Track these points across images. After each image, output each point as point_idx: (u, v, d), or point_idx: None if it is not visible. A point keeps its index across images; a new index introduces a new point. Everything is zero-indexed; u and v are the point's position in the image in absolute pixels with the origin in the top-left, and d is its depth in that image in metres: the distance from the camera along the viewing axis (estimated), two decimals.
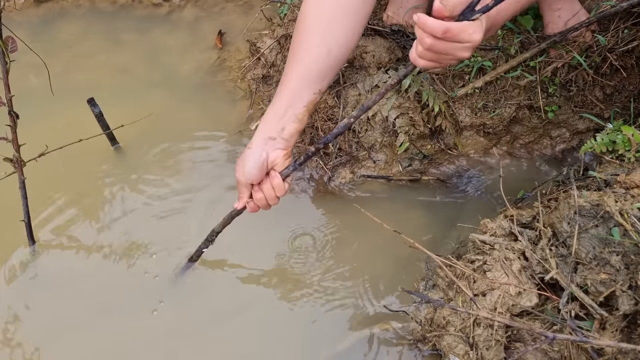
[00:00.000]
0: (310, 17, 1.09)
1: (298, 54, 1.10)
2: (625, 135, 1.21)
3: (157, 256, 1.37)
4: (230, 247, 1.39)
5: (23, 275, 1.35)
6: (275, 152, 1.13)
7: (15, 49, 1.17)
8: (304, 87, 1.10)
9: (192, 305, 1.29)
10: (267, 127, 1.12)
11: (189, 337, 1.24)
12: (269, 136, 1.12)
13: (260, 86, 1.72)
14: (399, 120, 1.42)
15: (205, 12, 2.10)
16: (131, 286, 1.32)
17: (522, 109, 1.42)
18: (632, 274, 0.97)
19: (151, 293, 1.31)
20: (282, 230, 1.42)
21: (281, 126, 1.11)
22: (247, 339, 1.24)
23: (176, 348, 1.22)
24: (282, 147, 1.13)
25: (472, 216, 1.35)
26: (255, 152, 1.12)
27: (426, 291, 1.23)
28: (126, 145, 1.64)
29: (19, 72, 1.34)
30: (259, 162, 1.12)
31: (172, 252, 1.38)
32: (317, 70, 1.09)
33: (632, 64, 1.34)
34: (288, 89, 1.10)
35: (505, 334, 1.07)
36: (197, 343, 1.23)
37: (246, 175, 1.13)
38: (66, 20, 2.10)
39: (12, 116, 1.24)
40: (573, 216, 1.08)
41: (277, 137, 1.12)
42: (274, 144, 1.12)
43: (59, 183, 1.54)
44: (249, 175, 1.13)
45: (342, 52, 1.11)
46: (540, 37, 1.37)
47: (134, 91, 1.82)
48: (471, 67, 1.38)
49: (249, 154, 1.12)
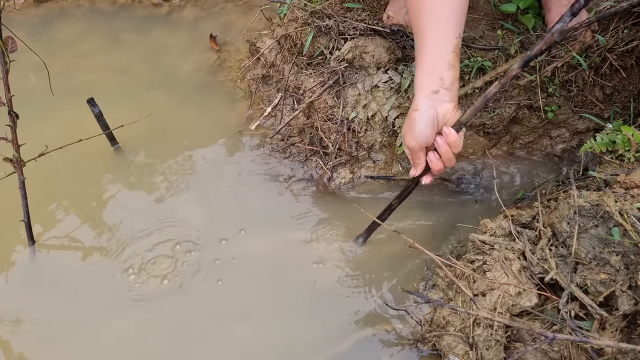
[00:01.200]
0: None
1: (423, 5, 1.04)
2: (625, 135, 1.21)
3: (157, 255, 1.37)
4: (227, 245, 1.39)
5: (23, 275, 1.35)
6: (443, 105, 1.04)
7: (15, 49, 1.17)
8: (443, 33, 1.04)
9: (192, 305, 1.29)
10: (425, 83, 1.04)
11: (188, 337, 1.24)
12: (432, 90, 1.03)
13: (260, 86, 1.72)
14: (398, 120, 1.41)
15: (205, 12, 2.10)
16: (131, 286, 1.32)
17: (521, 109, 1.42)
18: (631, 274, 0.97)
19: (151, 293, 1.31)
20: (282, 230, 1.42)
21: (439, 76, 1.03)
22: (247, 339, 1.24)
23: (175, 347, 1.22)
24: (449, 99, 1.04)
25: (472, 216, 1.36)
26: (423, 111, 1.03)
27: (426, 291, 1.23)
28: (126, 146, 1.64)
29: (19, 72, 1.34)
30: (430, 121, 1.04)
31: (173, 252, 1.38)
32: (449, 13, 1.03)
33: (632, 64, 1.34)
34: (428, 41, 1.04)
35: (505, 334, 1.07)
36: (194, 343, 1.23)
37: (418, 138, 1.05)
38: (66, 20, 2.10)
39: (12, 116, 1.24)
40: (573, 216, 1.08)
41: (439, 88, 1.03)
42: (439, 97, 1.04)
43: (58, 183, 1.54)
44: (422, 138, 1.05)
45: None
46: (540, 37, 1.37)
47: (134, 91, 1.82)
48: (471, 67, 1.38)
49: (416, 115, 1.04)
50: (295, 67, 1.58)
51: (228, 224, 1.44)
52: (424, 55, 1.05)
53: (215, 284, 1.32)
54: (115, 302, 1.30)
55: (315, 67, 1.53)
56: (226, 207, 1.48)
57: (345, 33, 1.46)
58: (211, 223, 1.44)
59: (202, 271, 1.34)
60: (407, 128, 1.07)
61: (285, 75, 1.61)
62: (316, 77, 1.52)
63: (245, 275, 1.34)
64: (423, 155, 1.09)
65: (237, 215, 1.46)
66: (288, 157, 1.57)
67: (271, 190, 1.51)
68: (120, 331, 1.25)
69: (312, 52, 1.53)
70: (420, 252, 1.17)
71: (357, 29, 1.45)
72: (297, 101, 1.58)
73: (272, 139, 1.60)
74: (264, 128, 1.65)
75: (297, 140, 1.57)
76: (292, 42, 1.58)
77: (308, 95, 1.53)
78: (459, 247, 1.33)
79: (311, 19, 1.50)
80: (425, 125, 1.04)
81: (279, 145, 1.59)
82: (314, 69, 1.53)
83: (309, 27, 1.51)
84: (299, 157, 1.56)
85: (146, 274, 1.34)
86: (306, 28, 1.52)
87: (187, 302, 1.29)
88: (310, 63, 1.54)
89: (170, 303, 1.29)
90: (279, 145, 1.59)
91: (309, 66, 1.54)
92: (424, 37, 1.05)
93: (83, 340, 1.24)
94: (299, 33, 1.55)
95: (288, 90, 1.60)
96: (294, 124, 1.58)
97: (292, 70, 1.58)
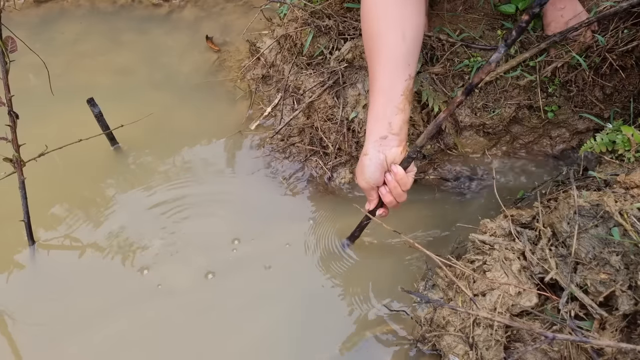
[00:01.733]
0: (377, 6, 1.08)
1: (376, 47, 1.09)
2: (625, 135, 1.21)
3: (157, 256, 1.37)
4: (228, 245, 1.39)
5: (23, 275, 1.35)
6: (391, 150, 1.11)
7: (15, 49, 1.18)
8: (393, 78, 1.08)
9: (191, 305, 1.29)
10: (374, 128, 1.11)
11: (187, 336, 1.24)
12: (380, 136, 1.10)
13: (260, 86, 1.72)
14: None
15: (205, 12, 2.10)
16: (131, 286, 1.32)
17: (521, 109, 1.42)
18: (631, 274, 0.97)
19: (151, 292, 1.31)
20: (282, 230, 1.42)
21: (387, 122, 1.09)
22: (247, 340, 1.24)
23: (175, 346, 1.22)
24: (397, 144, 1.12)
25: (472, 216, 1.35)
26: (372, 156, 1.11)
27: (426, 291, 1.23)
28: (126, 146, 1.64)
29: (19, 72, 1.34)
30: (379, 165, 1.12)
31: (172, 252, 1.38)
32: (399, 57, 1.08)
33: (632, 64, 1.34)
34: (379, 85, 1.09)
35: (505, 334, 1.07)
36: (193, 341, 1.23)
37: (368, 180, 1.14)
38: (66, 20, 2.10)
39: (12, 116, 1.24)
40: (573, 216, 1.08)
41: (387, 134, 1.10)
42: (387, 143, 1.11)
43: (58, 183, 1.54)
44: (372, 180, 1.14)
45: (415, 33, 1.09)
46: (540, 37, 1.37)
47: (134, 91, 1.82)
48: (471, 67, 1.38)
49: (365, 160, 1.12)
50: (295, 67, 1.58)
51: (228, 224, 1.44)
52: (375, 98, 1.11)
53: (215, 283, 1.32)
54: (115, 301, 1.30)
55: (315, 67, 1.53)
56: (226, 206, 1.48)
57: (345, 33, 1.46)
58: (211, 223, 1.44)
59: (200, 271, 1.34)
60: (359, 170, 1.15)
61: (285, 75, 1.61)
62: (316, 77, 1.52)
63: (244, 275, 1.34)
64: (375, 192, 1.18)
65: (237, 215, 1.46)
66: (288, 157, 1.57)
67: (271, 190, 1.51)
68: (119, 331, 1.25)
69: (312, 52, 1.53)
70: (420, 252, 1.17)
71: (357, 29, 1.45)
72: (297, 101, 1.58)
73: (272, 139, 1.60)
74: (264, 128, 1.65)
75: (297, 140, 1.57)
76: (292, 42, 1.58)
77: (308, 95, 1.53)
78: (459, 247, 1.33)
79: (311, 19, 1.51)
80: (374, 169, 1.12)
81: (279, 145, 1.59)
82: (314, 69, 1.53)
83: (309, 27, 1.51)
84: (299, 157, 1.56)
85: (146, 275, 1.34)
86: (306, 28, 1.52)
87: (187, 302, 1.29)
88: (310, 63, 1.54)
89: (171, 303, 1.29)
90: (279, 145, 1.59)
91: (309, 66, 1.54)
92: (375, 80, 1.11)
93: (83, 340, 1.24)
94: (299, 33, 1.55)
95: (288, 90, 1.60)
96: (294, 124, 1.58)
97: (292, 70, 1.58)
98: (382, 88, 1.09)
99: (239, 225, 1.44)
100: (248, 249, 1.38)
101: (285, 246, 1.39)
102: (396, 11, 1.08)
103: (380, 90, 1.10)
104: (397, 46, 1.08)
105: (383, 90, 1.09)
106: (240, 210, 1.48)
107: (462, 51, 1.40)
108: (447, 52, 1.40)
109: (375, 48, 1.10)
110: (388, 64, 1.09)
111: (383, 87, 1.09)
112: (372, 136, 1.11)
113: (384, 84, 1.09)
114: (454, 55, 1.40)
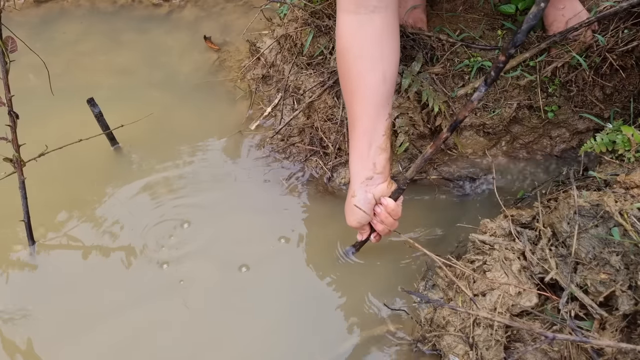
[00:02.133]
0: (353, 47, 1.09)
1: (356, 89, 1.10)
2: (625, 135, 1.21)
3: (157, 256, 1.37)
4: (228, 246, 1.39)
5: (23, 275, 1.35)
6: (378, 187, 1.15)
7: (15, 49, 1.18)
8: (375, 119, 1.11)
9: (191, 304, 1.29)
10: (359, 170, 1.14)
11: (187, 336, 1.24)
12: (365, 177, 1.14)
13: (260, 86, 1.72)
14: (398, 120, 1.41)
15: (205, 12, 2.10)
16: (131, 286, 1.32)
17: (521, 109, 1.42)
18: (632, 274, 0.97)
19: (151, 292, 1.31)
20: (282, 231, 1.42)
21: (371, 163, 1.13)
22: (247, 340, 1.23)
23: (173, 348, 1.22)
24: (382, 181, 1.15)
25: (472, 216, 1.35)
26: (361, 198, 1.15)
27: (426, 291, 1.23)
28: (126, 146, 1.64)
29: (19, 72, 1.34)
30: (368, 204, 1.15)
31: (172, 251, 1.38)
32: (380, 98, 1.10)
33: (632, 64, 1.34)
34: (361, 127, 1.12)
35: (505, 334, 1.07)
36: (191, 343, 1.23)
37: (359, 220, 1.18)
38: (66, 20, 2.10)
39: (12, 116, 1.24)
40: (573, 216, 1.08)
41: (373, 175, 1.14)
42: (373, 182, 1.14)
43: (58, 183, 1.54)
44: (362, 219, 1.18)
45: (394, 71, 1.11)
46: (540, 37, 1.37)
47: (134, 91, 1.83)
48: (471, 67, 1.38)
49: (354, 202, 1.15)
50: (295, 67, 1.58)
51: (228, 224, 1.44)
52: (357, 138, 1.13)
53: (215, 284, 1.32)
54: (115, 301, 1.30)
55: (315, 67, 1.53)
56: (226, 206, 1.48)
57: None
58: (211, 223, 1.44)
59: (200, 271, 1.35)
60: (348, 212, 1.18)
61: (285, 75, 1.61)
62: (316, 77, 1.52)
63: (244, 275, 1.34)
64: (367, 226, 1.23)
65: (236, 215, 1.46)
66: (288, 157, 1.57)
67: (271, 190, 1.51)
68: (119, 331, 1.25)
69: (312, 52, 1.53)
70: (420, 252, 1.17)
71: None
72: (297, 101, 1.58)
73: (272, 139, 1.60)
74: (264, 128, 1.65)
75: (297, 140, 1.57)
76: (292, 42, 1.58)
77: (308, 95, 1.53)
78: (459, 247, 1.33)
79: (311, 19, 1.50)
80: (365, 210, 1.16)
81: (279, 145, 1.59)
82: (314, 69, 1.53)
83: (309, 27, 1.51)
84: (299, 157, 1.56)
85: (146, 275, 1.34)
86: (306, 28, 1.52)
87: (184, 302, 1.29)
88: (310, 63, 1.54)
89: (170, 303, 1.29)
90: (279, 145, 1.59)
91: (309, 66, 1.54)
92: (356, 120, 1.12)
93: (83, 340, 1.24)
94: (299, 33, 1.55)
95: (288, 90, 1.60)
96: (294, 124, 1.58)
97: (292, 70, 1.58)
98: (365, 130, 1.12)
99: (238, 226, 1.44)
100: (248, 249, 1.38)
101: (284, 246, 1.39)
102: (375, 50, 1.08)
103: (363, 132, 1.12)
104: (379, 87, 1.09)
105: (365, 132, 1.12)
106: (240, 210, 1.48)
107: (462, 51, 1.40)
108: (447, 52, 1.40)
109: (355, 90, 1.11)
110: (369, 107, 1.10)
111: (365, 129, 1.11)
112: (358, 178, 1.14)
113: (366, 126, 1.11)
114: (454, 55, 1.40)
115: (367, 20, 1.06)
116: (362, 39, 1.08)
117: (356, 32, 1.08)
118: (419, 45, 1.41)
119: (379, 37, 1.08)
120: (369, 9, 1.06)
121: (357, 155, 1.14)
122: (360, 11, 1.06)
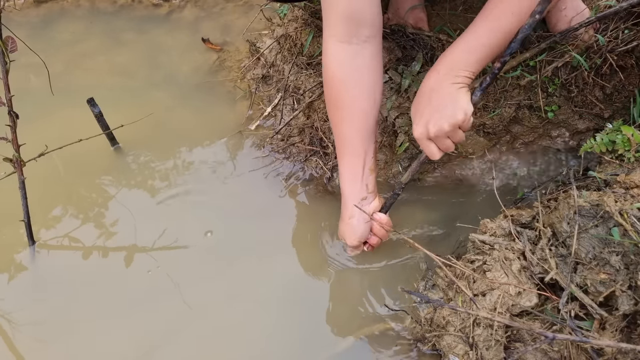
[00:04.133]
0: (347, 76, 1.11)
1: (347, 115, 1.13)
2: (625, 135, 1.21)
3: (157, 256, 1.37)
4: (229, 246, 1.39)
5: (23, 275, 1.35)
6: (371, 205, 1.22)
7: (15, 49, 1.18)
8: (366, 144, 1.16)
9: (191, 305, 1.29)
10: (354, 192, 1.20)
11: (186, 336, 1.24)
12: (360, 198, 1.20)
13: (260, 86, 1.72)
14: (398, 120, 1.41)
15: (205, 12, 2.10)
16: (131, 285, 1.32)
17: (522, 109, 1.42)
18: (631, 274, 0.97)
19: (151, 292, 1.31)
20: (281, 230, 1.42)
21: (364, 185, 1.19)
22: (246, 340, 1.24)
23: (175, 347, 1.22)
24: (373, 198, 1.22)
25: (472, 216, 1.35)
26: (360, 218, 1.21)
27: (426, 291, 1.23)
28: (126, 145, 1.64)
29: (19, 72, 1.34)
30: (367, 224, 1.22)
31: (173, 252, 1.38)
32: (372, 122, 1.15)
33: (632, 64, 1.34)
34: (354, 152, 1.16)
35: (505, 334, 1.07)
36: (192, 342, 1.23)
37: (360, 238, 1.24)
38: (66, 20, 2.10)
39: (12, 116, 1.24)
40: (573, 216, 1.08)
41: (366, 195, 1.20)
42: (367, 202, 1.21)
43: (58, 183, 1.54)
44: (363, 237, 1.24)
45: (381, 95, 1.15)
46: (540, 37, 1.37)
47: (134, 91, 1.83)
48: None
49: (353, 222, 1.21)
50: (295, 67, 1.58)
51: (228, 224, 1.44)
52: (349, 163, 1.18)
53: (215, 284, 1.32)
54: (115, 301, 1.30)
55: (315, 67, 1.53)
56: (225, 206, 1.48)
57: None
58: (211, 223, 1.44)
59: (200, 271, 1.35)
60: (349, 232, 1.23)
61: (285, 75, 1.61)
62: (316, 77, 1.52)
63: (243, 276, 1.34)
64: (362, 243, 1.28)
65: (237, 215, 1.46)
66: (288, 157, 1.57)
67: (271, 190, 1.51)
68: (119, 331, 1.25)
69: (312, 52, 1.53)
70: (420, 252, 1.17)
71: None
72: (297, 101, 1.58)
73: (272, 139, 1.60)
74: (264, 128, 1.65)
75: (297, 140, 1.57)
76: (292, 42, 1.58)
77: (308, 95, 1.53)
78: (459, 247, 1.33)
79: (311, 19, 1.51)
80: (364, 228, 1.22)
81: (279, 145, 1.59)
82: (314, 69, 1.53)
83: (309, 27, 1.51)
84: (299, 157, 1.56)
85: (146, 274, 1.34)
86: (306, 28, 1.52)
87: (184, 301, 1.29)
88: (310, 63, 1.54)
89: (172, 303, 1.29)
90: (279, 145, 1.59)
91: (309, 66, 1.54)
92: (347, 144, 1.17)
93: (83, 340, 1.24)
94: (299, 33, 1.55)
95: (288, 90, 1.60)
96: (293, 124, 1.58)
97: (292, 70, 1.58)
98: (357, 153, 1.16)
99: (239, 226, 1.44)
100: (248, 249, 1.38)
101: (284, 246, 1.39)
102: (368, 78, 1.11)
103: (356, 156, 1.16)
104: (370, 113, 1.14)
105: (358, 155, 1.16)
106: (241, 210, 1.48)
107: None
108: None
109: (346, 116, 1.13)
110: (361, 132, 1.14)
111: (358, 152, 1.16)
112: (352, 199, 1.20)
113: (358, 150, 1.15)
114: None
115: (360, 50, 1.09)
116: (355, 69, 1.10)
117: (350, 62, 1.10)
118: (419, 45, 1.41)
119: (370, 65, 1.11)
120: (361, 39, 1.08)
121: (350, 178, 1.18)
122: (353, 41, 1.08)
